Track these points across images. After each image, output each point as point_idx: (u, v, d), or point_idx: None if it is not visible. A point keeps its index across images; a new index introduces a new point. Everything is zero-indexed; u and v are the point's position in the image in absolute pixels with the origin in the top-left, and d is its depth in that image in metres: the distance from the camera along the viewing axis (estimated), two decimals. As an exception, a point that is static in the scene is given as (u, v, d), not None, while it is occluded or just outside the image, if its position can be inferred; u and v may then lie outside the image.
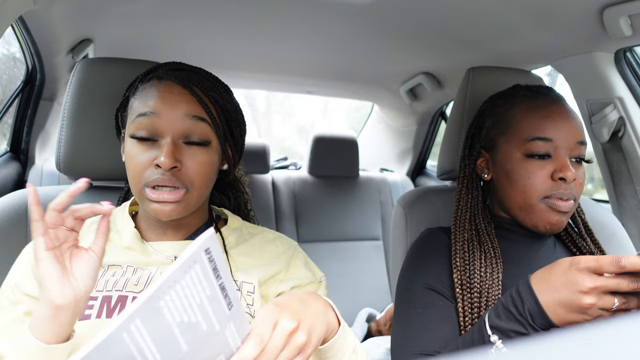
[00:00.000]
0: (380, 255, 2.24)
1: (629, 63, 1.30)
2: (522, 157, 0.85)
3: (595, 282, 0.60)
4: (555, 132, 0.83)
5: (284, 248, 0.87)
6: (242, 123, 0.87)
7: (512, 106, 0.90)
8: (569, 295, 0.63)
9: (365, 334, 1.79)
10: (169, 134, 0.74)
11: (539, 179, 0.83)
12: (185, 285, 0.43)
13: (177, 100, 0.75)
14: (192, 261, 0.43)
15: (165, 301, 0.42)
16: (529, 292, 0.67)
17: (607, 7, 1.06)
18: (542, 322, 0.65)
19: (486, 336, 0.69)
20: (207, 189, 0.79)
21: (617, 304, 0.60)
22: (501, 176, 0.89)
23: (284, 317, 0.53)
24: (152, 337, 0.42)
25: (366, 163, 2.77)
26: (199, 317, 0.45)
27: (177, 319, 0.43)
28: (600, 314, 0.61)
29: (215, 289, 0.46)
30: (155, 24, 1.47)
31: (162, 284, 0.41)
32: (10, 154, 1.70)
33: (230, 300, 0.48)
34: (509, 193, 0.88)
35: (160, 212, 0.74)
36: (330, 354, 0.63)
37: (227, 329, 0.49)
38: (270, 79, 2.20)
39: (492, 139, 0.92)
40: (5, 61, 1.78)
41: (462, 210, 0.92)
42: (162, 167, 0.72)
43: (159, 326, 0.42)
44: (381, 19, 1.35)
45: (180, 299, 0.43)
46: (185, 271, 0.43)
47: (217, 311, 0.47)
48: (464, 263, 0.84)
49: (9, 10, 0.94)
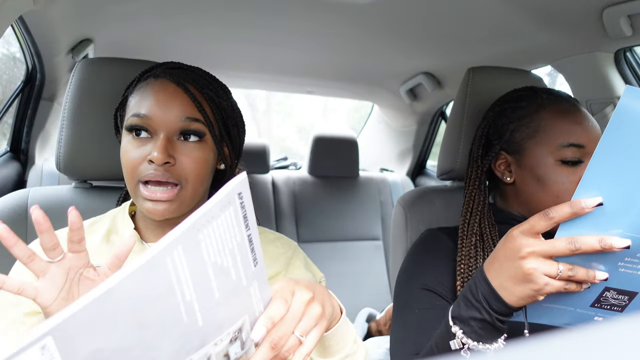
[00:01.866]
0: (380, 255, 2.24)
1: (629, 63, 1.30)
2: (555, 162, 0.84)
3: (532, 245, 0.61)
4: (586, 138, 0.84)
5: (283, 249, 0.87)
6: (240, 122, 0.87)
7: (539, 110, 0.88)
8: (511, 265, 0.63)
9: (365, 334, 1.79)
10: (163, 131, 0.74)
11: (572, 185, 0.83)
12: (220, 225, 0.43)
13: (171, 100, 0.75)
14: (227, 201, 0.43)
15: (203, 235, 0.41)
16: (481, 276, 0.68)
17: (607, 7, 1.06)
18: (496, 303, 0.65)
19: (449, 327, 0.70)
20: (201, 186, 0.78)
21: (562, 269, 0.60)
22: (530, 180, 0.88)
23: (300, 287, 0.54)
24: (191, 270, 0.41)
25: (366, 163, 2.77)
26: (229, 263, 0.45)
27: (212, 258, 0.43)
28: (548, 283, 0.60)
29: (244, 238, 0.46)
30: (155, 24, 1.47)
31: (202, 216, 0.40)
32: (10, 154, 1.70)
33: (256, 256, 0.48)
34: (539, 197, 0.86)
35: (153, 212, 0.73)
36: (334, 342, 0.62)
37: (251, 287, 0.48)
38: (270, 79, 2.20)
39: (517, 142, 0.90)
40: (5, 61, 1.78)
41: (472, 212, 0.91)
42: (154, 162, 0.72)
43: (196, 261, 0.41)
44: (381, 19, 1.35)
45: (215, 238, 0.42)
46: (221, 209, 0.42)
47: (244, 263, 0.46)
48: (467, 270, 0.84)
49: (9, 10, 0.94)
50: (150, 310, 0.39)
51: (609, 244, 0.57)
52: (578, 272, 0.60)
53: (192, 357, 0.45)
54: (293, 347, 0.50)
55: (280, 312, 0.50)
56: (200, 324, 0.44)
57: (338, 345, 0.63)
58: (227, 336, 0.48)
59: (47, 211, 0.97)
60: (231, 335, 0.48)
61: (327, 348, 0.63)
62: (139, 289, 0.38)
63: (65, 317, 0.34)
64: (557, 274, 0.60)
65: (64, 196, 0.99)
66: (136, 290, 0.38)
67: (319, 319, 0.53)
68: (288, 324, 0.50)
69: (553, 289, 0.61)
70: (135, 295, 0.38)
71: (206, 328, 0.44)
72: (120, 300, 0.37)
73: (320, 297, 0.56)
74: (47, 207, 0.96)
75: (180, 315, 0.42)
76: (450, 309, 0.71)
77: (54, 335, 0.34)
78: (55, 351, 0.35)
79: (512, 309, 0.65)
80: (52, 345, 0.34)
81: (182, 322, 0.42)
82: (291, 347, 0.50)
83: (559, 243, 0.60)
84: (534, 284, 0.61)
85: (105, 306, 0.36)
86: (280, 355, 0.49)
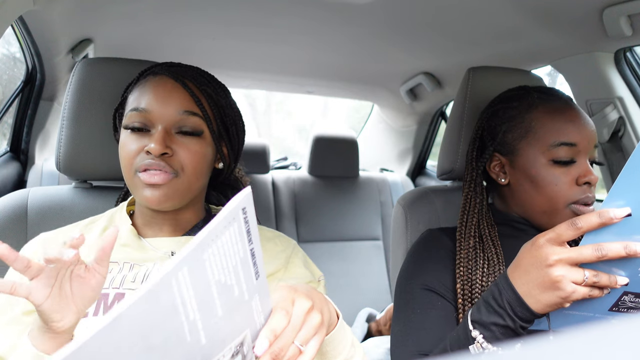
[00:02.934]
0: (380, 255, 2.24)
1: (629, 63, 1.30)
2: (547, 162, 0.84)
3: (559, 253, 0.61)
4: (578, 137, 0.83)
5: (282, 246, 0.87)
6: (239, 122, 0.87)
7: (530, 109, 0.88)
8: (538, 273, 0.63)
9: (365, 334, 1.79)
10: (161, 124, 0.75)
11: (565, 185, 0.83)
12: (224, 243, 0.43)
13: (170, 94, 0.76)
14: (232, 218, 0.42)
15: (208, 254, 0.41)
16: (505, 282, 0.67)
17: (607, 7, 1.06)
18: (521, 310, 0.65)
19: (468, 331, 0.69)
20: (197, 180, 0.79)
21: (588, 275, 0.61)
22: (524, 181, 0.87)
23: (300, 296, 0.54)
24: (195, 290, 0.41)
25: (366, 163, 2.77)
26: (232, 280, 0.45)
27: (215, 277, 0.43)
28: (575, 290, 0.61)
29: (247, 253, 0.46)
30: (155, 24, 1.47)
31: (207, 236, 0.40)
32: (10, 153, 1.70)
33: (258, 270, 0.48)
34: (534, 198, 0.86)
35: (150, 199, 0.74)
36: (330, 347, 0.63)
37: (253, 301, 0.48)
38: (270, 79, 2.21)
39: (509, 143, 0.90)
40: (5, 61, 1.78)
41: (469, 214, 0.91)
42: (152, 152, 0.73)
43: (200, 281, 0.41)
44: (381, 19, 1.35)
45: (219, 256, 0.42)
46: (225, 227, 0.42)
47: (247, 278, 0.46)
48: (467, 272, 0.84)
49: (9, 10, 0.94)
50: (156, 333, 0.39)
51: (633, 250, 0.59)
52: (602, 278, 0.61)
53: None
54: (293, 357, 0.50)
55: (282, 325, 0.50)
56: (204, 342, 0.44)
57: (335, 350, 0.63)
58: (229, 351, 0.48)
59: (47, 211, 0.98)
60: (233, 349, 0.48)
61: (324, 354, 0.63)
62: (146, 312, 0.38)
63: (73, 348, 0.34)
64: (583, 280, 0.61)
65: (64, 196, 0.99)
66: (142, 314, 0.38)
67: (318, 328, 0.53)
68: (289, 334, 0.50)
69: (579, 296, 0.61)
70: (142, 320, 0.38)
71: (209, 345, 0.44)
72: (127, 326, 0.37)
73: (319, 304, 0.56)
74: (47, 207, 0.96)
75: (184, 335, 0.42)
76: (470, 313, 0.71)
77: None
78: None
79: (536, 315, 0.65)
80: None
81: (186, 342, 0.42)
82: (291, 357, 0.50)
83: (586, 250, 0.60)
84: (561, 291, 0.62)
85: (113, 333, 0.36)
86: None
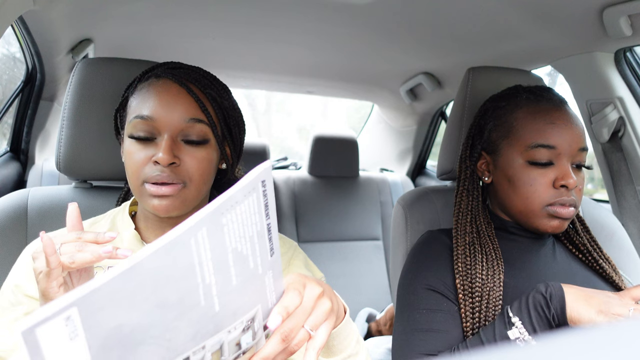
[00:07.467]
0: (380, 255, 2.24)
1: (629, 63, 1.30)
2: (524, 163, 0.84)
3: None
4: (559, 139, 0.83)
5: (284, 248, 0.87)
6: (241, 122, 0.87)
7: (515, 109, 0.88)
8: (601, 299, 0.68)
9: (365, 334, 1.79)
10: (167, 133, 0.74)
11: (541, 186, 0.83)
12: (243, 211, 0.43)
13: (174, 101, 0.75)
14: (251, 188, 0.43)
15: (226, 219, 0.41)
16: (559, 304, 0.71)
17: (607, 7, 1.06)
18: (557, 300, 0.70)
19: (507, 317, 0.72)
20: (205, 186, 0.79)
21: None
22: (503, 181, 0.88)
23: (311, 281, 0.54)
24: (212, 254, 0.41)
25: (366, 163, 2.77)
26: (249, 250, 0.45)
27: (232, 244, 0.43)
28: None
29: (264, 227, 0.46)
30: (155, 24, 1.47)
31: (226, 200, 0.41)
32: (10, 154, 1.70)
33: (273, 247, 0.48)
34: (511, 198, 0.87)
35: (158, 208, 0.74)
36: (337, 341, 0.62)
37: (266, 277, 0.49)
38: (270, 79, 2.20)
39: (493, 142, 0.91)
40: (5, 61, 1.78)
41: (463, 212, 0.92)
42: (160, 163, 0.72)
43: (218, 245, 0.42)
44: (381, 19, 1.35)
45: (237, 224, 0.43)
46: (245, 195, 0.42)
47: (262, 252, 0.47)
48: (465, 268, 0.84)
49: (9, 10, 0.94)
50: (171, 290, 0.39)
51: None
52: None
53: (206, 342, 0.45)
54: (302, 341, 0.50)
55: (294, 303, 0.50)
56: (217, 309, 0.44)
57: (341, 344, 0.63)
58: (240, 325, 0.48)
59: (47, 211, 0.98)
60: (244, 324, 0.48)
61: (330, 347, 0.63)
62: (162, 266, 0.38)
63: (91, 288, 0.34)
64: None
65: (64, 196, 0.99)
66: (159, 267, 0.38)
67: (328, 314, 0.52)
68: (299, 316, 0.50)
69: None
70: (158, 273, 0.38)
71: (222, 314, 0.45)
72: (143, 277, 0.37)
73: (329, 293, 0.56)
74: (47, 207, 0.96)
75: (199, 298, 0.42)
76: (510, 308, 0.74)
77: (79, 307, 0.34)
78: (79, 324, 0.34)
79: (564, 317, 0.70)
80: (77, 317, 0.34)
81: (200, 306, 0.42)
82: (300, 341, 0.49)
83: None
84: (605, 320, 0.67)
85: (129, 282, 0.36)
86: (289, 348, 0.49)
